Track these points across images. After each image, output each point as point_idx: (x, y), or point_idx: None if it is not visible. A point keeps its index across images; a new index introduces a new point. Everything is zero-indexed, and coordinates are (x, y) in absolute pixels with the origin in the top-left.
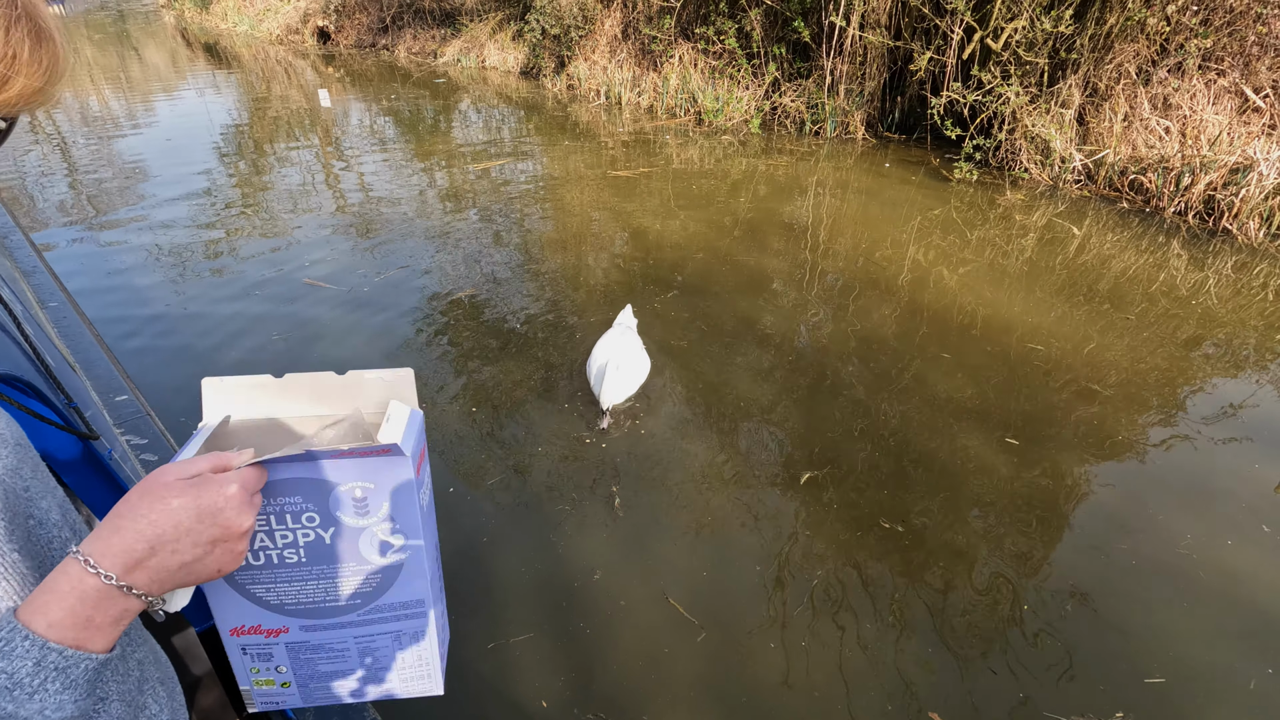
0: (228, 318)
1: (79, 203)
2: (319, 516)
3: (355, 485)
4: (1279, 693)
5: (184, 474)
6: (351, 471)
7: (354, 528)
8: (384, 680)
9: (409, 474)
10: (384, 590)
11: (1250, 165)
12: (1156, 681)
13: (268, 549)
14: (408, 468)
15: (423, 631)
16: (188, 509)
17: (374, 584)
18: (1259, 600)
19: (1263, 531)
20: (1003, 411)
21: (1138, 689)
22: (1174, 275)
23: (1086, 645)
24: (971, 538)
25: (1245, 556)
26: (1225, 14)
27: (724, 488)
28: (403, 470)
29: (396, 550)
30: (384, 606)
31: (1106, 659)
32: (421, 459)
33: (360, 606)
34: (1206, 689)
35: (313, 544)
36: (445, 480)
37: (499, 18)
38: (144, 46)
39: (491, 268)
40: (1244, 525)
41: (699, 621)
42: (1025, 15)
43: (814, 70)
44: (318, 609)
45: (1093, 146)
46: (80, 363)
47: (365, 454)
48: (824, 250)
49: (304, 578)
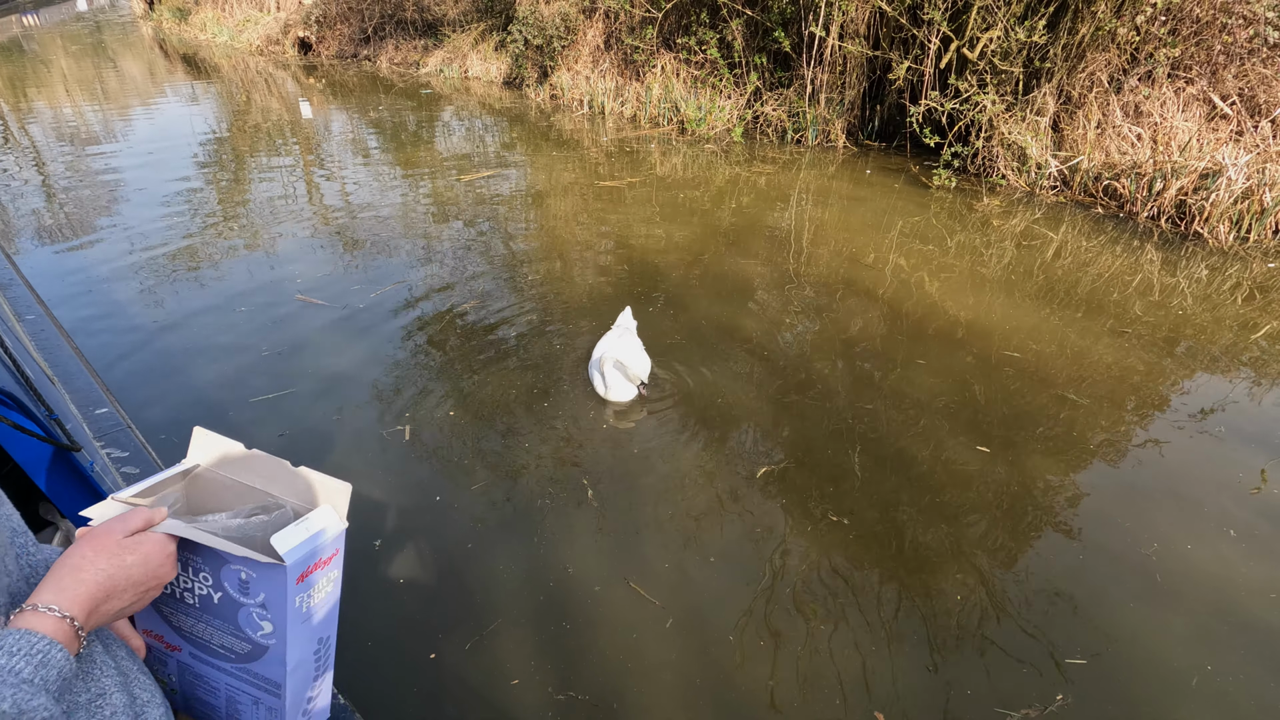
0: (211, 331)
1: (55, 216)
2: (211, 579)
3: (242, 569)
4: (1224, 688)
5: (128, 530)
6: (240, 559)
7: (234, 601)
8: None
9: (286, 582)
10: (252, 659)
11: (1219, 170)
12: (1079, 663)
13: (174, 585)
14: (284, 577)
15: (279, 709)
16: (138, 565)
17: (244, 650)
18: (1230, 600)
19: (1229, 535)
20: (977, 415)
21: (1083, 678)
22: (1148, 279)
23: (1030, 640)
24: (933, 538)
25: (1209, 559)
26: (1192, 24)
27: (699, 489)
28: (280, 578)
29: (266, 634)
30: (250, 671)
31: (1049, 653)
32: (317, 568)
33: (233, 660)
34: (1149, 676)
35: (205, 598)
36: (432, 489)
37: (481, 28)
38: (121, 58)
39: (479, 279)
40: (1210, 528)
41: (663, 604)
42: (1000, 25)
43: (795, 79)
44: (203, 645)
45: (1067, 153)
46: (59, 375)
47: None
48: (806, 257)
49: (196, 617)
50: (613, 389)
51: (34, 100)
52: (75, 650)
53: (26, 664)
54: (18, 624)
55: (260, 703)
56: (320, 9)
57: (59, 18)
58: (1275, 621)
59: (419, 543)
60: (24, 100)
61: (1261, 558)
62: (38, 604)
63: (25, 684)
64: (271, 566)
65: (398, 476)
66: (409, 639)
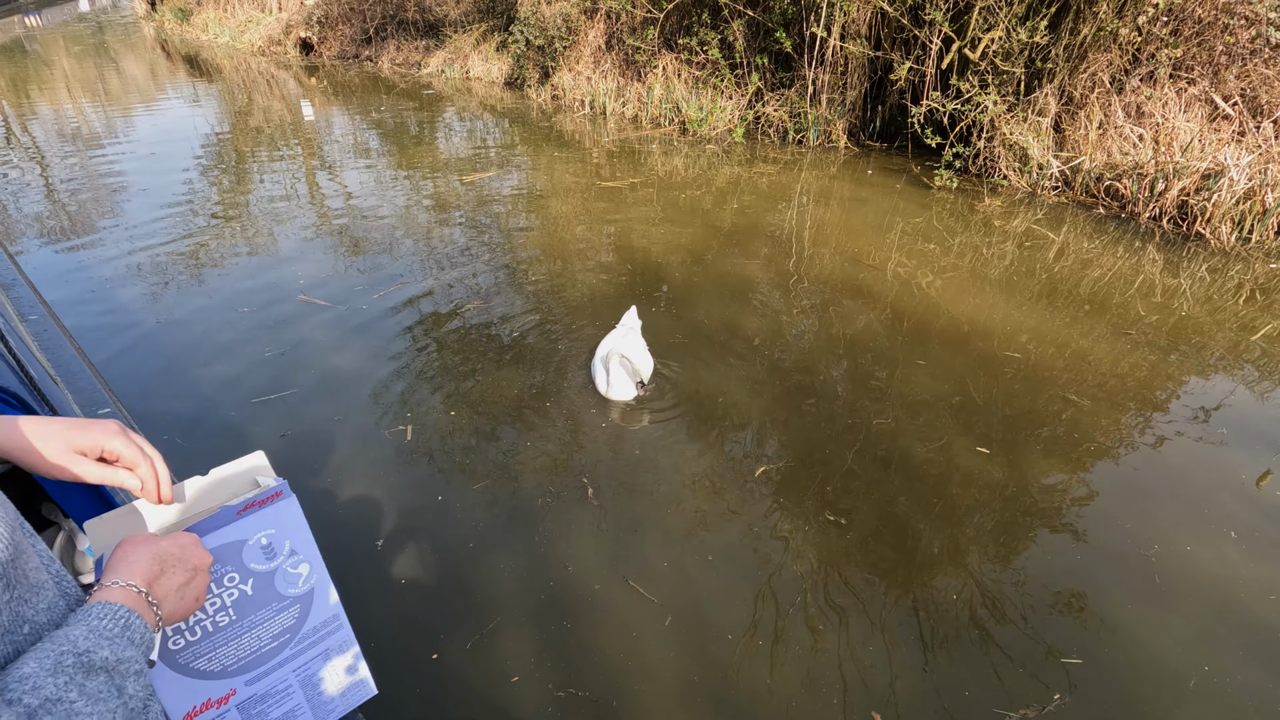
0: (213, 331)
1: (58, 216)
2: (238, 574)
3: (260, 535)
4: (1223, 688)
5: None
6: (253, 525)
7: (267, 571)
8: (329, 701)
9: (297, 509)
10: (305, 617)
11: (1221, 171)
12: (1077, 662)
13: (202, 620)
14: (294, 504)
15: (348, 638)
16: (170, 545)
17: (295, 614)
18: (1235, 601)
19: (1230, 536)
20: (977, 415)
21: (1081, 678)
22: (1150, 279)
23: (1028, 641)
24: (933, 537)
25: (1210, 560)
26: (1194, 25)
27: (699, 490)
28: (292, 508)
29: (305, 579)
30: (309, 631)
31: (1046, 653)
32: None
33: (290, 640)
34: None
35: (238, 600)
36: (434, 488)
37: (483, 29)
38: (123, 58)
39: (481, 280)
40: (1211, 528)
41: (662, 603)
42: (1001, 26)
43: (796, 80)
44: (256, 658)
45: (1069, 154)
46: (62, 376)
47: (261, 503)
48: (808, 257)
49: (238, 634)
50: (614, 387)
51: (36, 101)
52: (151, 621)
53: (113, 624)
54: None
55: (330, 650)
56: (322, 10)
57: (61, 18)
58: (1275, 622)
59: (420, 542)
60: (26, 101)
61: (1262, 559)
62: (104, 582)
63: (116, 639)
64: (281, 503)
65: (399, 476)
66: (410, 638)
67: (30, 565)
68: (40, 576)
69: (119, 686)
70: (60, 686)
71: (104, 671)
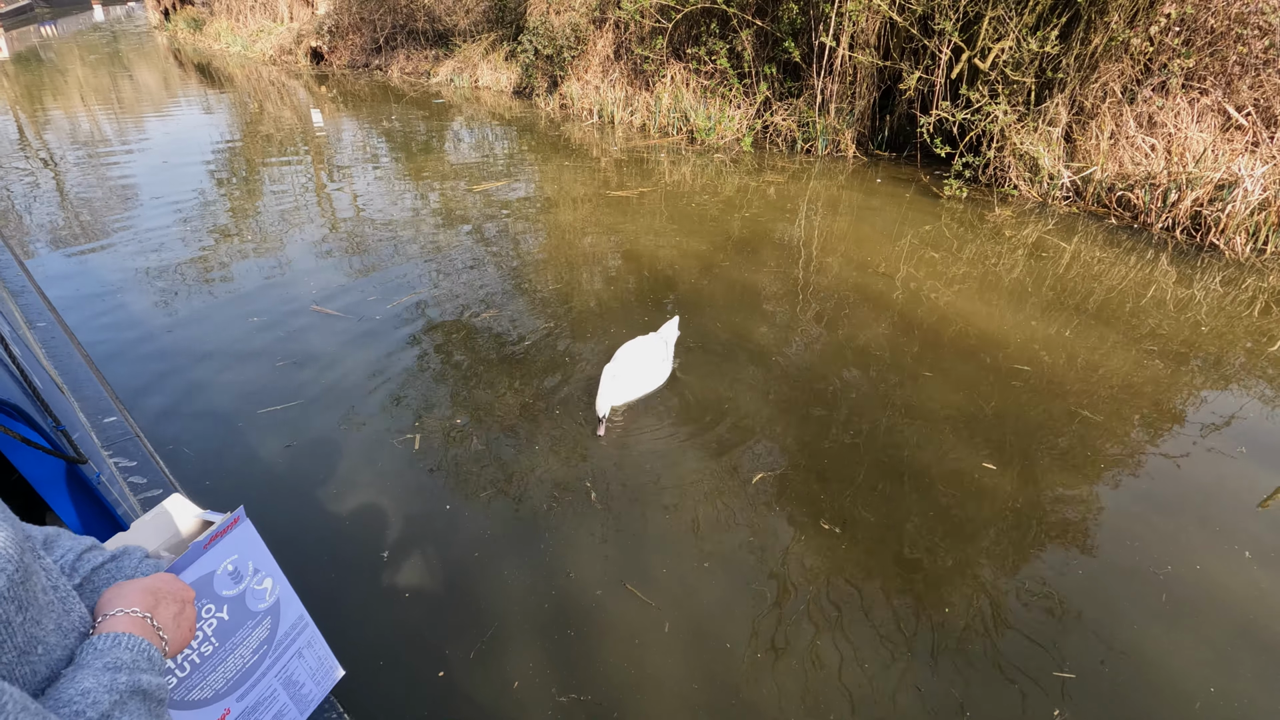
0: (223, 340)
1: (69, 223)
2: (214, 604)
3: (226, 562)
4: (1230, 708)
5: None
6: (219, 554)
7: (238, 594)
8: (308, 694)
9: (253, 530)
10: (277, 625)
11: (1235, 181)
12: (1079, 679)
13: (189, 655)
14: (250, 527)
15: (314, 634)
16: (156, 582)
17: (268, 625)
18: (1246, 620)
19: (1244, 556)
20: (986, 427)
21: (1082, 694)
22: (1162, 291)
23: (1031, 655)
24: (939, 549)
25: (1222, 577)
26: (1207, 35)
27: (703, 497)
28: (249, 531)
29: (271, 591)
30: (282, 637)
31: (1049, 668)
32: None
33: (269, 650)
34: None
35: (218, 628)
36: (441, 498)
37: (492, 38)
38: (137, 67)
39: (490, 289)
40: (1224, 545)
41: (661, 608)
42: (1011, 36)
43: (805, 89)
44: (242, 675)
45: (1080, 164)
46: (68, 384)
47: (222, 533)
48: (816, 266)
49: (222, 657)
50: (600, 400)
51: (51, 109)
52: (159, 645)
53: (127, 653)
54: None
55: (303, 649)
56: (333, 19)
57: (76, 28)
58: None
59: (426, 551)
60: (41, 109)
61: (1276, 577)
62: (107, 612)
63: (127, 667)
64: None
65: (407, 486)
66: (414, 646)
67: (39, 586)
68: (48, 597)
69: (156, 714)
70: (112, 704)
71: (143, 696)
